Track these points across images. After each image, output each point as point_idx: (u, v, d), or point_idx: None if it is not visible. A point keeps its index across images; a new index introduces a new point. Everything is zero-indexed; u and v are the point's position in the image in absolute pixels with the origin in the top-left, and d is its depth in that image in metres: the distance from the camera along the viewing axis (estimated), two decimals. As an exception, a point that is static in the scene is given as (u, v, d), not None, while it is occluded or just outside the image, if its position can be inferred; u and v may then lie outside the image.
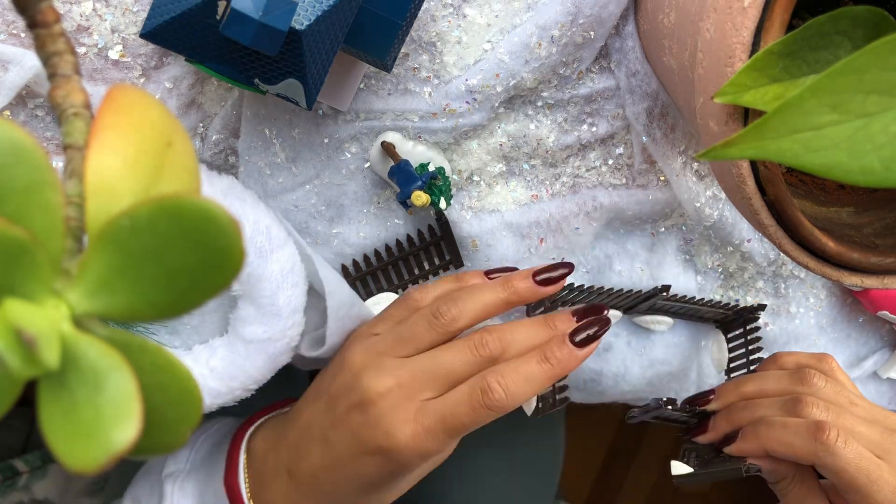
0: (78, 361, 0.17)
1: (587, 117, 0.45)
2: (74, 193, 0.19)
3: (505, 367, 0.39)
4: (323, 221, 0.45)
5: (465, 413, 0.38)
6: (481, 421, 0.39)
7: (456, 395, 0.39)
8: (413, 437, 0.39)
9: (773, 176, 0.31)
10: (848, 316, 0.57)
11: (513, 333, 0.41)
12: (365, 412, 0.40)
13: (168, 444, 0.19)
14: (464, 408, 0.38)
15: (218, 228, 0.17)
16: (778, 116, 0.25)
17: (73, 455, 0.17)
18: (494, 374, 0.39)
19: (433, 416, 0.39)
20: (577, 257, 0.50)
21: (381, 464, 0.40)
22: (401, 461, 0.39)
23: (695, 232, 0.51)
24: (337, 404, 0.41)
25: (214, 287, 0.18)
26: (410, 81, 0.41)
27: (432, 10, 0.40)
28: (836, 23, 0.27)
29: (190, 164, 0.21)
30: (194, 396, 0.19)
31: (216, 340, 0.45)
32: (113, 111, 0.19)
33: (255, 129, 0.42)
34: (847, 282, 0.34)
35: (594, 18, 0.40)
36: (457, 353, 0.40)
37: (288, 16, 0.32)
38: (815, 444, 0.41)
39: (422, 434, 0.39)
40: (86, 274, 0.18)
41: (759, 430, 0.44)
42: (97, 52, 0.38)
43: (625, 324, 0.53)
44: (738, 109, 0.31)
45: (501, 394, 0.38)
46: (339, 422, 0.41)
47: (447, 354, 0.40)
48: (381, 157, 0.43)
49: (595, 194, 0.47)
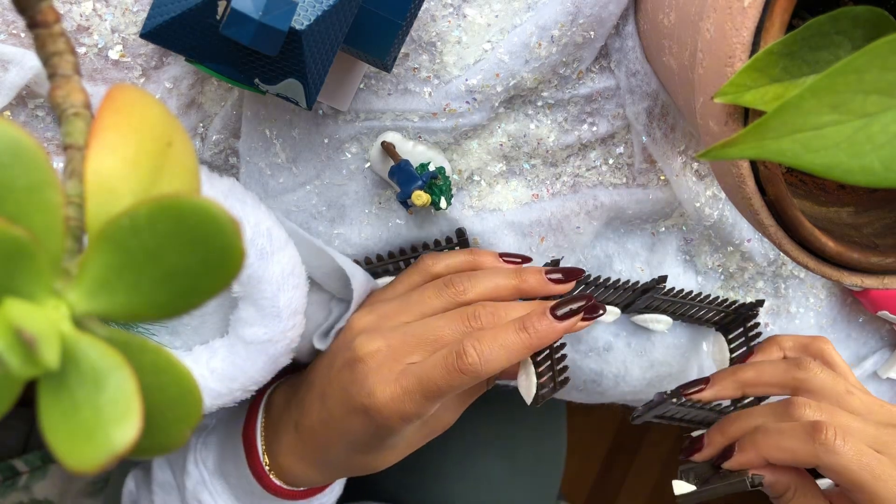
0: (78, 361, 0.17)
1: (587, 117, 0.45)
2: (74, 193, 0.19)
3: (483, 334, 0.39)
4: (324, 222, 0.45)
5: (441, 376, 0.39)
6: (456, 384, 0.39)
7: (434, 358, 0.40)
8: (392, 397, 0.39)
9: (773, 176, 0.31)
10: (848, 316, 0.57)
11: (507, 310, 0.41)
12: (353, 370, 0.41)
13: (168, 444, 0.19)
14: (439, 370, 0.39)
15: (218, 228, 0.17)
16: (778, 116, 0.25)
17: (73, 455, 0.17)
18: (471, 339, 0.39)
19: (412, 377, 0.39)
20: (577, 256, 0.50)
21: (366, 423, 0.41)
22: (381, 421, 0.40)
23: (695, 232, 0.51)
24: (335, 361, 0.43)
25: (214, 287, 0.18)
26: (410, 81, 0.41)
27: (432, 10, 0.40)
28: (836, 23, 0.27)
29: (190, 164, 0.21)
30: (194, 397, 0.19)
31: (216, 341, 0.45)
32: (113, 111, 0.19)
33: (256, 129, 0.42)
34: (847, 282, 0.34)
35: (594, 18, 0.40)
36: (449, 321, 0.41)
37: (288, 16, 0.32)
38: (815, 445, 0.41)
39: (400, 394, 0.39)
40: (86, 274, 0.18)
41: (756, 438, 0.44)
42: (97, 52, 0.38)
43: (625, 324, 0.53)
44: (738, 109, 0.31)
45: (476, 358, 0.38)
46: (333, 379, 0.43)
47: (440, 321, 0.41)
48: (382, 157, 0.43)
49: (595, 193, 0.47)
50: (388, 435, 0.41)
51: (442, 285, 0.43)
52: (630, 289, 0.49)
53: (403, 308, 0.43)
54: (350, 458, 0.44)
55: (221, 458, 0.49)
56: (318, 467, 0.46)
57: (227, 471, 0.49)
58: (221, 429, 0.50)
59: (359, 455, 0.44)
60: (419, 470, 0.66)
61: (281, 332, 0.43)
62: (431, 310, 0.42)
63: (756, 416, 0.46)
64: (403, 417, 0.40)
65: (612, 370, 0.54)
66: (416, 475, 0.66)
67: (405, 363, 0.40)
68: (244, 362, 0.44)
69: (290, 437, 0.46)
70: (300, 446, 0.45)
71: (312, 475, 0.46)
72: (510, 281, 0.43)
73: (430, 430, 0.45)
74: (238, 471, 0.48)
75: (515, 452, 0.68)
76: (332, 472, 0.47)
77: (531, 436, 0.69)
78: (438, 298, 0.43)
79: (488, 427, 0.67)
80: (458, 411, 0.45)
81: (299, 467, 0.46)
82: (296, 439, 0.45)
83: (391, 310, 0.43)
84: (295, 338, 0.44)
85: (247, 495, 0.48)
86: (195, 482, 0.49)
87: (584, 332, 0.53)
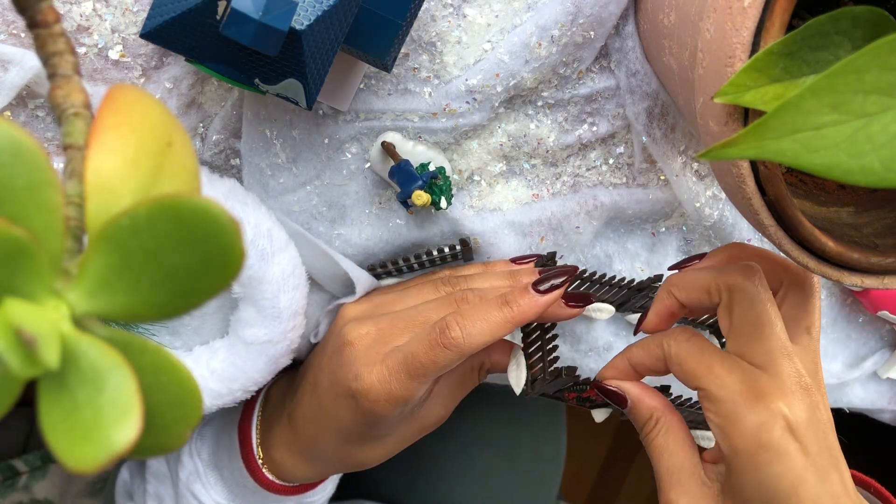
0: (78, 361, 0.17)
1: (587, 117, 0.45)
2: (74, 193, 0.19)
3: (466, 309, 0.39)
4: (325, 222, 0.45)
5: (424, 352, 0.38)
6: (440, 361, 0.38)
7: (417, 335, 0.39)
8: (379, 379, 0.39)
9: (773, 176, 0.31)
10: (848, 316, 0.57)
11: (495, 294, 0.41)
12: (341, 354, 0.41)
13: (168, 444, 0.19)
14: (422, 346, 0.38)
15: (218, 228, 0.17)
16: (778, 116, 0.25)
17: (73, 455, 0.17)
18: (455, 314, 0.39)
19: (396, 356, 0.39)
20: (577, 256, 0.50)
21: (354, 408, 0.41)
22: (367, 406, 0.40)
23: (695, 232, 0.51)
24: (325, 349, 0.43)
25: (214, 287, 0.18)
26: (410, 81, 0.41)
27: (432, 10, 0.40)
28: (836, 23, 0.27)
29: (190, 164, 0.21)
30: (194, 397, 0.19)
31: (217, 342, 0.45)
32: (113, 111, 0.19)
33: (256, 129, 0.42)
34: (847, 282, 0.34)
35: (594, 18, 0.40)
36: (437, 304, 0.41)
37: (288, 16, 0.32)
38: (663, 340, 0.39)
39: (386, 375, 0.39)
40: (86, 274, 0.18)
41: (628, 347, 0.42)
42: (97, 52, 0.38)
43: (623, 324, 0.54)
44: (738, 109, 0.31)
45: (458, 332, 0.38)
46: (324, 365, 0.43)
47: (428, 304, 0.41)
48: (382, 157, 0.43)
49: (596, 193, 0.47)
50: (375, 421, 0.41)
51: (440, 282, 0.43)
52: (625, 287, 0.49)
53: (398, 299, 0.44)
54: (340, 450, 0.44)
55: (216, 451, 0.49)
56: (309, 460, 0.46)
57: (221, 463, 0.49)
58: (218, 421, 0.50)
59: (348, 446, 0.44)
60: (419, 470, 0.66)
61: (281, 332, 0.43)
62: (425, 302, 0.43)
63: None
64: (390, 399, 0.39)
65: (612, 370, 0.54)
66: (415, 475, 0.66)
67: (392, 346, 0.40)
68: (244, 363, 0.44)
69: (283, 428, 0.46)
70: (292, 438, 0.45)
71: (304, 469, 0.46)
72: (505, 281, 0.43)
73: (422, 426, 0.44)
74: (232, 463, 0.48)
75: (515, 452, 0.68)
76: (323, 466, 0.46)
77: (531, 435, 0.69)
78: (434, 293, 0.43)
79: (488, 427, 0.67)
80: (449, 406, 0.45)
81: (291, 461, 0.46)
82: (288, 430, 0.45)
83: (386, 300, 0.44)
84: (295, 339, 0.44)
85: (239, 488, 0.48)
86: (189, 473, 0.49)
87: (584, 332, 0.53)
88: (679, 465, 0.39)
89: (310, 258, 0.44)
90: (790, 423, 0.34)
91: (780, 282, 0.40)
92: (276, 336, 0.43)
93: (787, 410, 0.35)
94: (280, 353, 0.44)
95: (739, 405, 0.35)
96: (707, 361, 0.37)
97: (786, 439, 0.34)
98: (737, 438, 0.35)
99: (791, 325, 0.38)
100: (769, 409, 0.34)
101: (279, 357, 0.44)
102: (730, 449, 0.35)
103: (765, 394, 0.35)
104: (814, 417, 0.35)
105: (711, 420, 0.36)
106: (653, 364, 0.40)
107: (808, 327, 0.39)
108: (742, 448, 0.35)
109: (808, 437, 0.35)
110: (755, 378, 0.36)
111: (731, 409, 0.35)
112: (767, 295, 0.37)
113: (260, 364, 0.44)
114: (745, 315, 0.37)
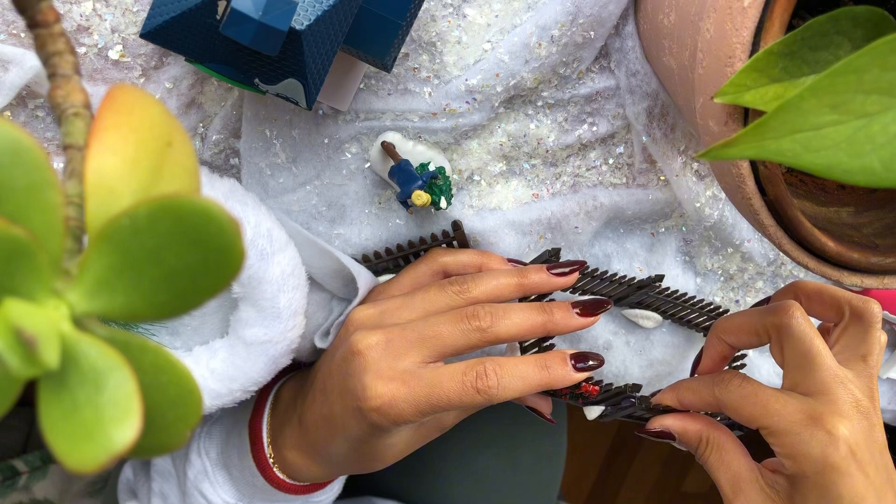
0: (78, 361, 0.17)
1: (587, 117, 0.45)
2: (74, 193, 0.19)
3: (505, 360, 0.39)
4: (324, 222, 0.45)
5: (454, 389, 0.38)
6: (465, 402, 0.38)
7: (450, 369, 0.39)
8: (392, 396, 0.39)
9: (773, 176, 0.31)
10: (848, 316, 0.57)
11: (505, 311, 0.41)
12: (350, 363, 0.41)
13: (168, 444, 0.19)
14: (455, 384, 0.38)
15: (218, 228, 0.17)
16: (778, 116, 0.25)
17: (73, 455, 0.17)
18: (493, 363, 0.39)
19: (422, 381, 0.39)
20: (575, 255, 0.50)
21: (360, 420, 0.41)
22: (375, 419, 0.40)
23: (695, 233, 0.51)
24: (335, 355, 0.43)
25: (214, 287, 0.18)
26: (410, 81, 0.41)
27: (432, 10, 0.40)
28: (836, 23, 0.27)
29: (190, 164, 0.21)
30: (194, 397, 0.19)
31: (217, 342, 0.45)
32: (113, 111, 0.19)
33: (256, 129, 0.42)
34: (847, 282, 0.34)
35: (594, 18, 0.40)
36: (448, 319, 0.41)
37: (288, 16, 0.32)
38: (713, 384, 0.43)
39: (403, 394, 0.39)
40: (86, 274, 0.18)
41: (676, 384, 0.46)
42: (97, 52, 0.38)
43: (623, 323, 0.54)
44: (738, 109, 0.31)
45: (495, 381, 0.38)
46: (333, 372, 0.43)
47: (440, 318, 0.41)
48: (382, 157, 0.43)
49: (595, 193, 0.47)
50: (382, 434, 0.41)
51: (446, 283, 0.43)
52: (626, 283, 0.49)
53: (406, 304, 0.43)
54: (350, 455, 0.44)
55: (225, 450, 0.49)
56: (319, 462, 0.46)
57: (229, 462, 0.49)
58: (227, 420, 0.50)
59: (358, 452, 0.44)
60: (419, 470, 0.66)
61: (281, 332, 0.43)
62: (434, 306, 0.42)
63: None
64: (395, 419, 0.39)
65: (612, 369, 0.54)
66: (416, 475, 0.66)
67: (406, 361, 0.40)
68: (244, 363, 0.44)
69: (294, 430, 0.46)
70: (303, 440, 0.45)
71: (315, 470, 0.46)
72: (513, 279, 0.43)
73: (430, 432, 0.45)
74: (241, 462, 0.48)
75: (515, 452, 0.68)
76: (333, 468, 0.47)
77: (531, 436, 0.69)
78: (442, 295, 0.43)
79: (488, 427, 0.67)
80: (460, 416, 0.45)
81: (302, 462, 0.46)
82: (299, 432, 0.46)
83: (394, 306, 0.43)
84: (295, 338, 0.44)
85: (248, 487, 0.48)
86: (197, 472, 0.49)
87: (584, 331, 0.53)
88: (737, 474, 0.42)
89: (309, 257, 0.44)
90: (850, 445, 0.37)
91: (841, 314, 0.44)
92: (275, 336, 0.43)
93: (847, 432, 0.38)
94: (280, 353, 0.44)
95: (801, 433, 0.38)
96: (761, 402, 0.40)
97: (847, 461, 0.37)
98: (805, 464, 0.38)
99: (848, 353, 0.42)
100: (829, 433, 0.38)
101: (279, 357, 0.44)
102: (799, 473, 0.38)
103: (823, 418, 0.38)
104: (871, 439, 0.38)
105: (779, 453, 0.40)
106: (703, 407, 0.44)
107: (865, 355, 0.42)
108: (810, 472, 0.38)
109: (867, 458, 0.38)
110: (811, 406, 0.39)
111: (793, 439, 0.38)
112: (811, 328, 0.41)
113: (260, 364, 0.44)
114: (794, 350, 0.41)
